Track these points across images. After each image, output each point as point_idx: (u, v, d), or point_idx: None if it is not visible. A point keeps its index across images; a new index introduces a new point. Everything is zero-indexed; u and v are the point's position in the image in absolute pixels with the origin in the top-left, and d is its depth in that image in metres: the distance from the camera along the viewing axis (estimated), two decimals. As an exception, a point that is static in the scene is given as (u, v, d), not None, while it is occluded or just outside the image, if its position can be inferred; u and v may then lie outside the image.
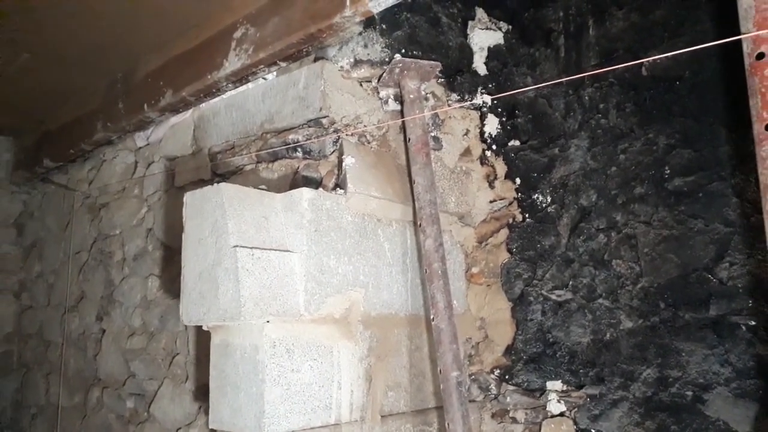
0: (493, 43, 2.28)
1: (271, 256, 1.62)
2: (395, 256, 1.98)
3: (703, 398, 1.74)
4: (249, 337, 1.60)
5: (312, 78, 1.99)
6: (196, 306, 1.65)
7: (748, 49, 1.21)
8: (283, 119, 2.08)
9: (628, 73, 1.99)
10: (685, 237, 1.82)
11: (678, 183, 1.84)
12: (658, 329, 1.85)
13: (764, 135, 1.18)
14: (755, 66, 1.19)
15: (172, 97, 2.43)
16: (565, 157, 2.11)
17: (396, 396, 1.91)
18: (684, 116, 1.85)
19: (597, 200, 2.02)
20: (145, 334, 2.59)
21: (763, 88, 1.18)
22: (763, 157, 1.19)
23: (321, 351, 1.70)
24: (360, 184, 1.87)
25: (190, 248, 1.70)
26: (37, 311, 3.48)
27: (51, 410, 3.15)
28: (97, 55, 2.58)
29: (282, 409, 1.56)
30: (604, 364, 1.95)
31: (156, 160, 2.71)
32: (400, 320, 1.96)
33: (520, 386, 2.12)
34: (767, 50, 1.17)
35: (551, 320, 2.08)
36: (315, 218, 1.72)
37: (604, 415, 1.93)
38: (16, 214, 3.78)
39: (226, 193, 1.62)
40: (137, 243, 2.71)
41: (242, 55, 2.13)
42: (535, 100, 2.21)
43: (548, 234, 2.12)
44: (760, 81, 1.18)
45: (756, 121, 1.21)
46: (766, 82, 1.17)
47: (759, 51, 1.19)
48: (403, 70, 1.96)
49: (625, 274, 1.93)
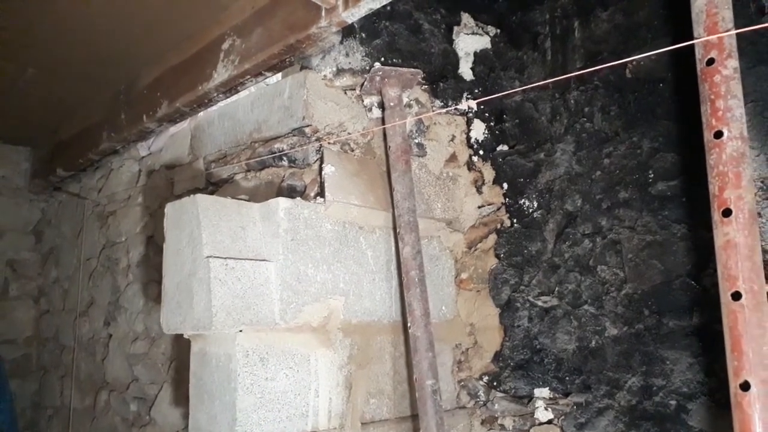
0: (480, 47, 2.27)
1: (246, 266, 1.65)
2: (378, 264, 1.98)
3: (687, 408, 1.70)
4: (223, 346, 1.63)
5: (296, 87, 2.01)
6: (174, 315, 1.68)
7: (699, 55, 1.18)
8: (270, 128, 2.11)
9: (613, 76, 1.96)
10: (668, 243, 1.78)
11: (661, 187, 1.81)
12: (642, 336, 1.81)
13: (713, 143, 1.14)
14: (705, 72, 1.16)
15: (168, 108, 2.48)
16: (551, 161, 2.08)
17: (378, 403, 1.91)
18: (668, 119, 1.81)
19: (582, 205, 1.99)
20: (147, 339, 2.66)
21: (712, 95, 1.15)
22: (711, 166, 1.16)
23: (297, 359, 1.72)
24: (339, 192, 1.88)
25: (169, 258, 1.74)
26: (54, 316, 3.60)
27: (65, 412, 3.26)
28: (99, 67, 2.65)
29: (255, 417, 1.58)
30: (590, 372, 1.93)
31: (157, 169, 2.77)
32: (383, 327, 1.96)
33: (508, 393, 2.11)
34: (716, 56, 1.14)
35: (538, 326, 2.06)
36: (292, 227, 1.74)
37: (590, 424, 1.90)
38: (35, 221, 3.91)
39: (201, 204, 1.65)
40: (140, 250, 2.78)
41: (229, 66, 2.17)
42: (522, 105, 2.19)
43: (535, 239, 2.10)
44: (709, 87, 1.15)
45: (706, 128, 1.17)
46: (714, 88, 1.14)
47: (709, 56, 1.15)
48: (384, 77, 1.96)
49: (609, 281, 1.90)
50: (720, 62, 1.13)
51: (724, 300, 1.19)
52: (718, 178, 1.15)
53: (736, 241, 1.12)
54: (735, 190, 1.11)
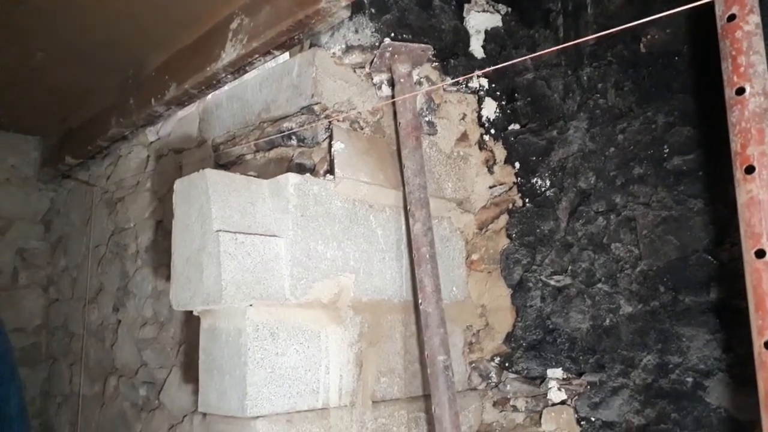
0: (491, 25, 2.24)
1: (255, 241, 1.63)
2: (388, 243, 1.96)
3: (704, 385, 1.67)
4: (233, 320, 1.61)
5: (305, 65, 1.99)
6: (183, 290, 1.67)
7: (720, 11, 1.15)
8: (278, 108, 2.09)
9: (627, 51, 1.93)
10: (684, 218, 1.75)
11: (677, 162, 1.77)
12: (657, 314, 1.78)
13: (735, 100, 1.12)
14: (726, 28, 1.13)
15: (176, 90, 2.47)
16: (564, 139, 2.05)
17: (389, 382, 1.89)
18: (683, 92, 1.78)
19: (596, 182, 1.96)
20: (155, 323, 2.65)
21: (733, 51, 1.12)
22: (733, 123, 1.13)
23: (308, 335, 1.70)
24: (349, 169, 1.86)
25: (178, 234, 1.73)
26: (63, 304, 3.60)
27: (74, 399, 3.26)
28: (109, 52, 2.64)
29: (266, 392, 1.57)
30: (604, 351, 1.90)
31: (165, 154, 2.76)
32: (393, 306, 1.94)
33: (520, 374, 2.08)
34: (738, 12, 1.11)
35: (551, 306, 2.03)
36: (301, 203, 1.73)
37: (604, 403, 1.88)
38: (44, 210, 3.91)
39: (210, 179, 1.64)
40: (148, 235, 2.77)
41: (237, 46, 2.15)
42: (533, 82, 2.16)
43: (547, 218, 2.07)
44: (730, 44, 1.12)
45: (727, 85, 1.15)
46: (736, 44, 1.11)
47: (730, 13, 1.12)
48: (394, 54, 1.94)
49: (624, 258, 1.87)
50: (741, 18, 1.10)
51: (747, 258, 1.16)
52: (740, 135, 1.12)
53: (760, 197, 1.09)
54: (758, 146, 1.09)
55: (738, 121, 1.12)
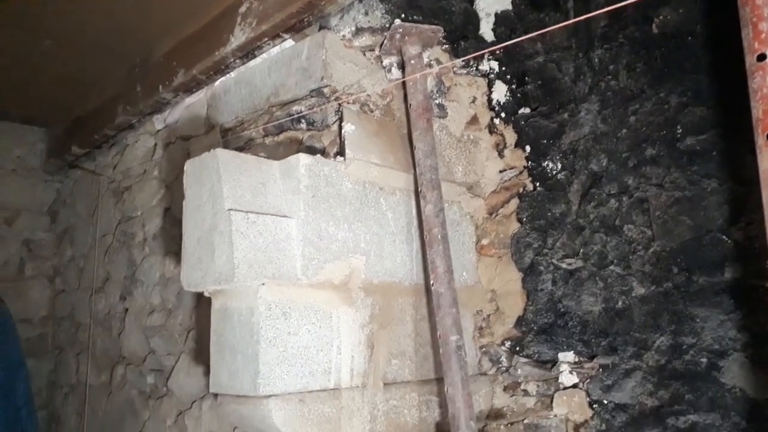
0: (501, 8, 2.23)
1: (267, 221, 1.63)
2: (399, 225, 1.95)
3: (718, 365, 1.66)
4: (245, 300, 1.61)
5: (314, 48, 1.99)
6: (194, 271, 1.66)
7: (741, -21, 1.15)
8: (287, 91, 2.08)
9: (639, 32, 1.92)
10: (698, 198, 1.73)
11: (690, 142, 1.76)
12: (671, 295, 1.77)
13: (756, 66, 1.11)
14: (747, -5, 1.13)
15: (184, 76, 2.46)
16: (575, 121, 2.04)
17: (400, 364, 1.88)
18: (697, 72, 1.77)
19: (608, 164, 1.95)
20: (163, 311, 2.64)
21: (754, 17, 1.11)
22: (754, 90, 1.12)
23: (320, 315, 1.69)
24: (359, 150, 1.85)
25: (189, 215, 1.72)
26: (69, 294, 3.60)
27: (81, 389, 3.26)
28: (116, 38, 2.64)
29: (278, 371, 1.56)
30: (616, 333, 1.89)
31: (173, 141, 2.76)
32: (404, 289, 1.93)
33: (531, 358, 2.07)
34: (759, -23, 1.11)
35: (562, 289, 2.02)
36: (312, 184, 1.72)
37: (616, 386, 1.87)
38: (50, 201, 3.91)
39: (222, 158, 1.64)
40: (156, 222, 2.77)
41: (246, 29, 2.15)
42: (544, 65, 2.15)
43: (558, 201, 2.06)
44: (751, 10, 1.11)
45: (748, 52, 1.14)
46: (757, 11, 1.10)
47: (751, -21, 1.12)
48: (404, 35, 1.93)
49: (636, 239, 1.86)
50: (762, -17, 1.10)
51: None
52: (762, 102, 1.11)
53: (783, 164, 1.09)
54: (780, 113, 1.08)
55: (759, 87, 1.11)
